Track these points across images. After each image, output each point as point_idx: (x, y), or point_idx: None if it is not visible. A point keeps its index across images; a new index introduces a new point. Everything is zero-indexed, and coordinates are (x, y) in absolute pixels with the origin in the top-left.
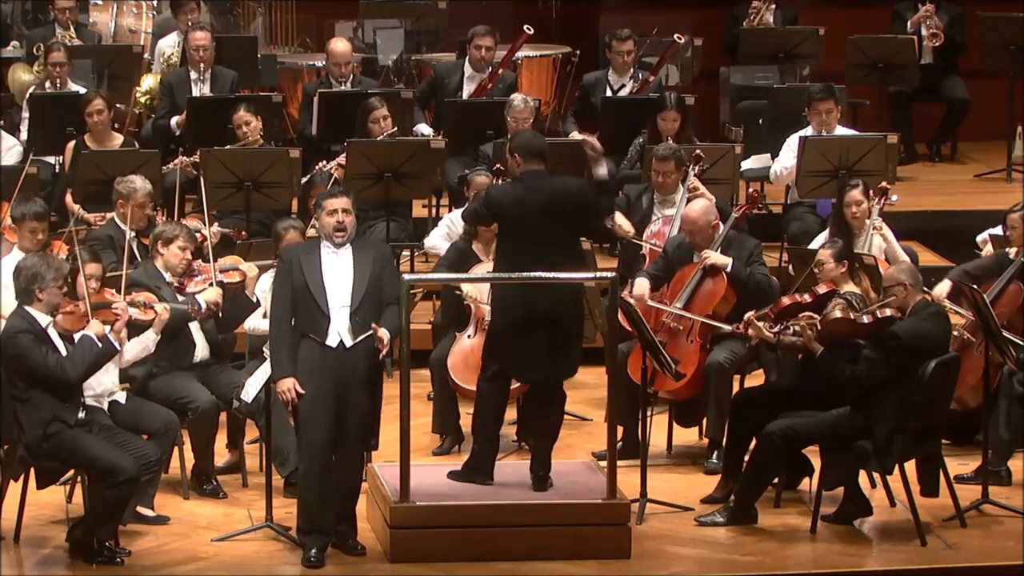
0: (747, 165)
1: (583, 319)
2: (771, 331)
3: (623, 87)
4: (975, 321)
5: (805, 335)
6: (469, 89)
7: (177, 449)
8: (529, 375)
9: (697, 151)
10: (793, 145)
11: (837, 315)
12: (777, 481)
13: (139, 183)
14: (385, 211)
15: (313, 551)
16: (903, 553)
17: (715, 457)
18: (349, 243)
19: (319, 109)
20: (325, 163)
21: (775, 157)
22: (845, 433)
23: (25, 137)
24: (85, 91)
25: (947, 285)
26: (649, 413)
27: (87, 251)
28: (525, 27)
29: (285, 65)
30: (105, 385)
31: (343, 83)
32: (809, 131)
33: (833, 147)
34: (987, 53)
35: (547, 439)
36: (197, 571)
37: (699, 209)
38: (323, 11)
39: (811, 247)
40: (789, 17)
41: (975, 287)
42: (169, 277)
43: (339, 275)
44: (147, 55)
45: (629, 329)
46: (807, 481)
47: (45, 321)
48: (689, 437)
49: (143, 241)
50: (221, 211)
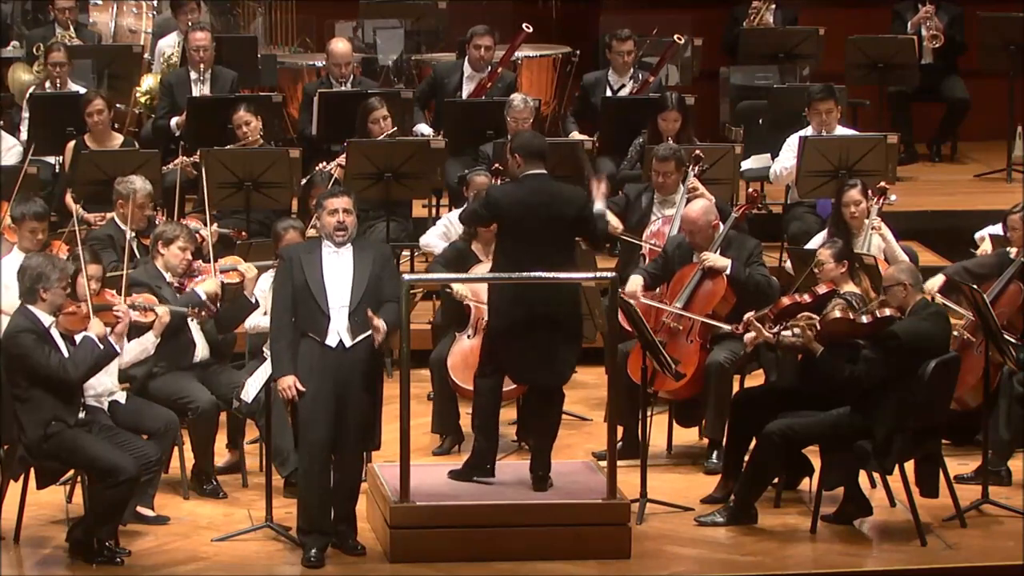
0: (747, 165)
1: (580, 320)
2: (771, 331)
3: (623, 87)
4: (975, 321)
5: (805, 335)
6: (468, 89)
7: (177, 449)
8: (526, 376)
9: (697, 151)
10: (793, 145)
11: (836, 315)
12: (777, 481)
13: (139, 183)
14: (385, 211)
15: (313, 551)
16: (903, 553)
17: (715, 457)
18: (350, 243)
19: (319, 109)
20: (325, 163)
21: (775, 157)
22: (845, 433)
23: (25, 137)
24: (85, 91)
25: (940, 279)
26: (649, 413)
27: (88, 252)
28: (524, 25)
29: (285, 65)
30: (105, 385)
31: (343, 83)
32: (809, 131)
33: (833, 147)
34: (987, 53)
35: (546, 439)
36: (197, 571)
37: (699, 209)
38: (323, 11)
39: (808, 247)
40: (789, 17)
41: (975, 287)
42: (169, 277)
43: (339, 275)
44: (147, 55)
45: (629, 329)
46: (807, 481)
47: (48, 321)
48: (689, 437)
49: (143, 241)
50: (221, 211)
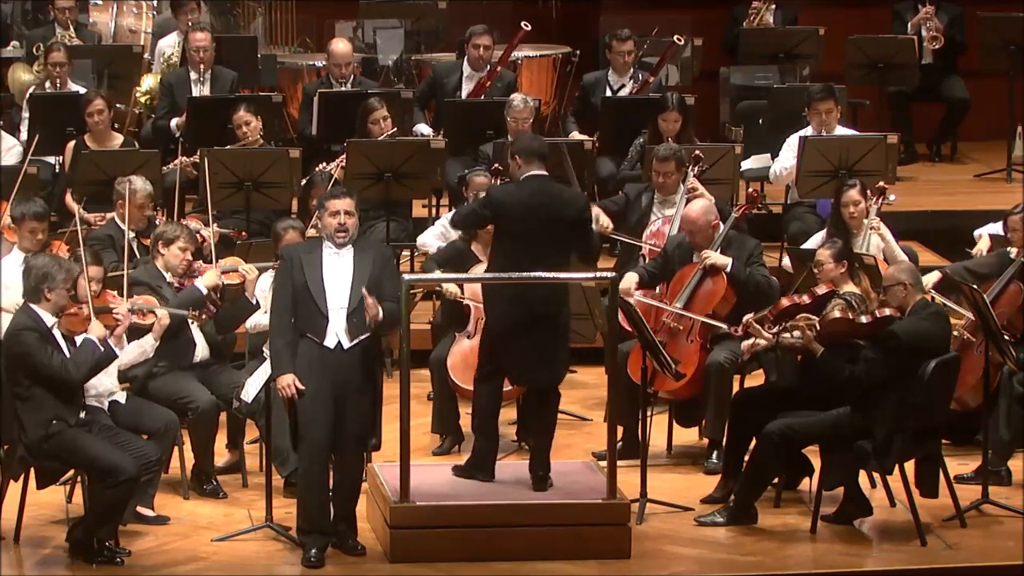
0: (747, 165)
1: (569, 321)
2: (770, 332)
3: (623, 87)
4: (975, 321)
5: (805, 336)
6: (468, 88)
7: (177, 449)
8: (524, 377)
9: (696, 151)
10: (793, 145)
11: (836, 315)
12: (777, 481)
13: (139, 184)
14: (385, 211)
15: (313, 551)
16: (903, 553)
17: (715, 457)
18: (351, 244)
19: (319, 109)
20: (326, 164)
21: (775, 157)
22: (845, 433)
23: (25, 137)
24: (85, 91)
25: (935, 276)
26: (649, 413)
27: (89, 253)
28: (522, 23)
29: (285, 65)
30: (105, 385)
31: (343, 83)
32: (809, 131)
33: (833, 147)
34: (987, 53)
35: (545, 438)
36: (197, 571)
37: (699, 209)
38: (323, 11)
39: (806, 247)
40: (789, 17)
41: (975, 287)
42: (170, 277)
43: (339, 276)
44: (147, 55)
45: (629, 329)
46: (807, 481)
47: (51, 321)
48: (689, 437)
49: (143, 241)
50: (221, 211)
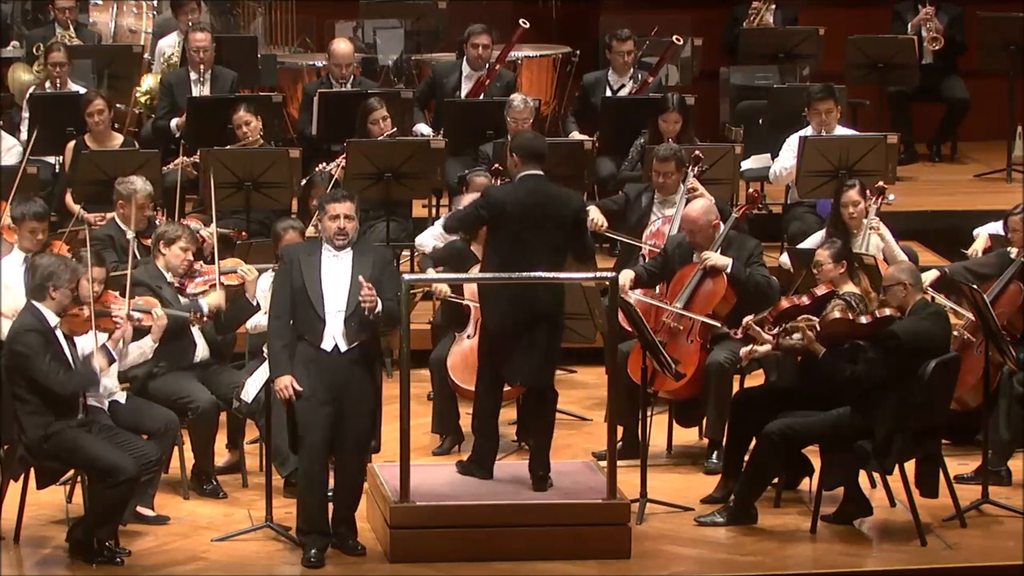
0: (747, 165)
1: (563, 321)
2: (770, 334)
3: (623, 87)
4: (975, 321)
5: (806, 337)
6: (467, 88)
7: (177, 449)
8: (521, 378)
9: (696, 152)
10: (793, 145)
11: (836, 316)
12: (777, 481)
13: (139, 184)
14: (385, 211)
15: (313, 551)
16: (903, 553)
17: (715, 457)
18: (350, 247)
19: (319, 109)
20: (325, 164)
21: (775, 157)
22: (845, 433)
23: (25, 137)
24: (85, 91)
25: (933, 274)
26: (649, 413)
27: (92, 254)
28: (521, 20)
29: (285, 65)
30: (105, 385)
31: (343, 83)
32: (809, 131)
33: (833, 147)
34: (987, 53)
35: (544, 437)
36: (197, 571)
37: (700, 209)
38: (323, 11)
39: (804, 246)
40: (789, 17)
41: (975, 287)
42: (170, 277)
43: (337, 279)
44: (147, 55)
45: (629, 329)
46: (807, 481)
47: (54, 321)
48: (689, 437)
49: (143, 241)
50: (221, 211)
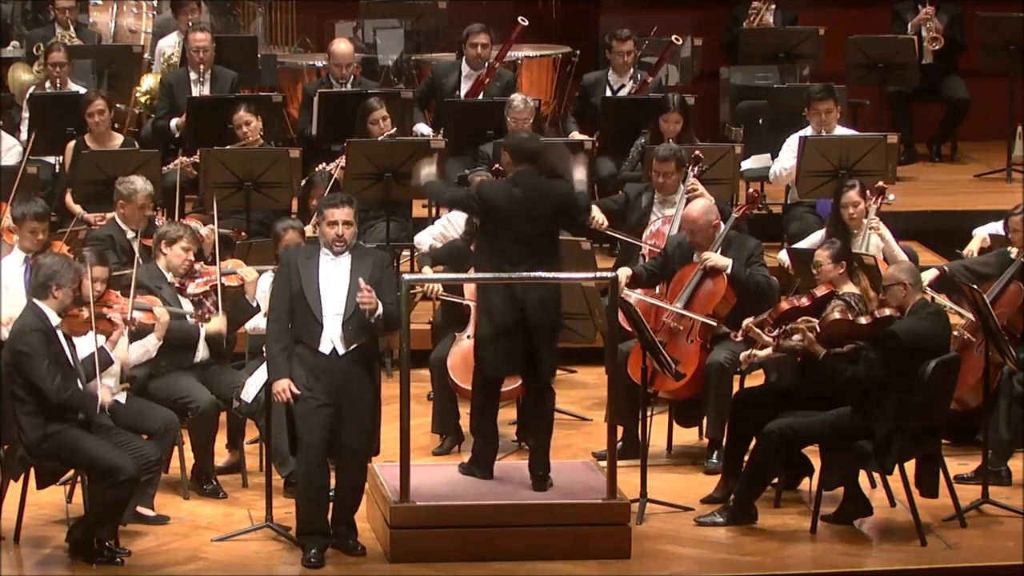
0: (747, 165)
1: (560, 316)
2: (770, 335)
3: (623, 87)
4: (975, 321)
5: (806, 338)
6: (466, 87)
7: (177, 449)
8: (507, 369)
9: (696, 152)
10: (793, 145)
11: (836, 316)
12: (777, 481)
13: (140, 184)
14: (385, 211)
15: (313, 551)
16: (903, 553)
17: (715, 457)
18: (349, 251)
19: (319, 109)
20: (325, 164)
21: (775, 157)
22: (845, 433)
23: (25, 137)
24: (85, 91)
25: (932, 273)
26: (649, 413)
27: (94, 253)
28: (520, 19)
29: (285, 65)
30: (107, 392)
31: (343, 83)
32: (809, 131)
33: (833, 147)
34: (987, 53)
35: (543, 437)
36: (197, 571)
37: (700, 209)
38: (323, 11)
39: (802, 246)
40: (789, 17)
41: (975, 287)
42: (171, 277)
43: (335, 283)
44: (147, 55)
45: (629, 329)
46: (807, 481)
47: (55, 320)
48: (689, 437)
49: (143, 242)
50: (221, 211)
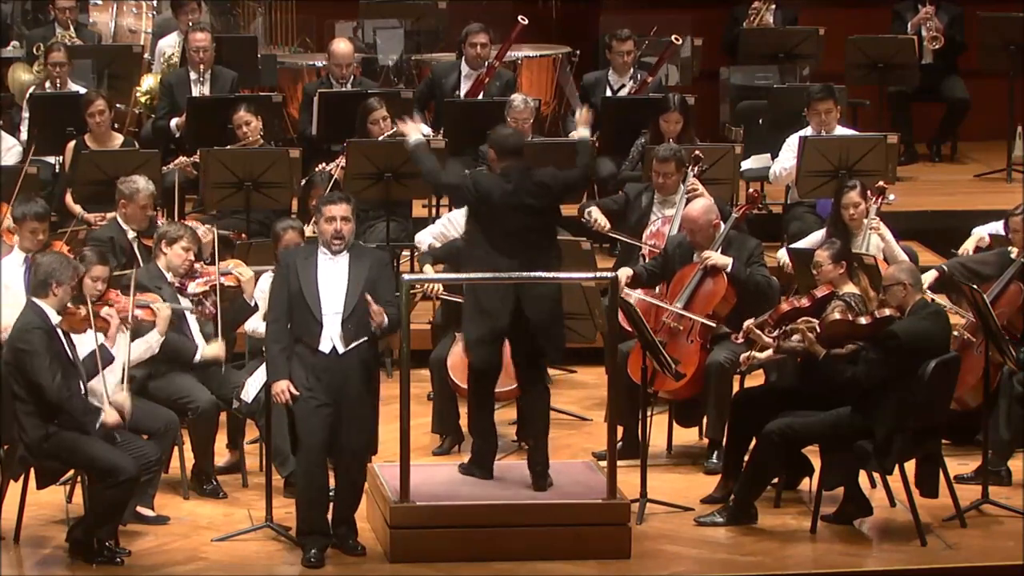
0: (747, 165)
1: (558, 311)
2: (770, 336)
3: (623, 87)
4: (975, 321)
5: (806, 338)
6: (466, 87)
7: (177, 449)
8: (492, 359)
9: (696, 152)
10: (793, 145)
11: (836, 317)
12: (777, 481)
13: (142, 184)
14: (385, 211)
15: (313, 551)
16: (903, 553)
17: (715, 457)
18: (347, 250)
19: (319, 109)
20: (325, 164)
21: (775, 157)
22: (845, 433)
23: (25, 137)
24: (85, 91)
25: (931, 275)
26: (649, 413)
27: (95, 253)
28: (519, 18)
29: (285, 65)
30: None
31: (343, 83)
32: (809, 131)
33: (833, 147)
34: (987, 53)
35: (540, 431)
36: (197, 571)
37: (700, 208)
38: (323, 11)
39: (801, 246)
40: (789, 17)
41: (975, 287)
42: (171, 277)
43: (334, 281)
44: (147, 55)
45: (629, 329)
46: (807, 481)
47: (55, 319)
48: (689, 437)
49: (144, 242)
50: (221, 211)
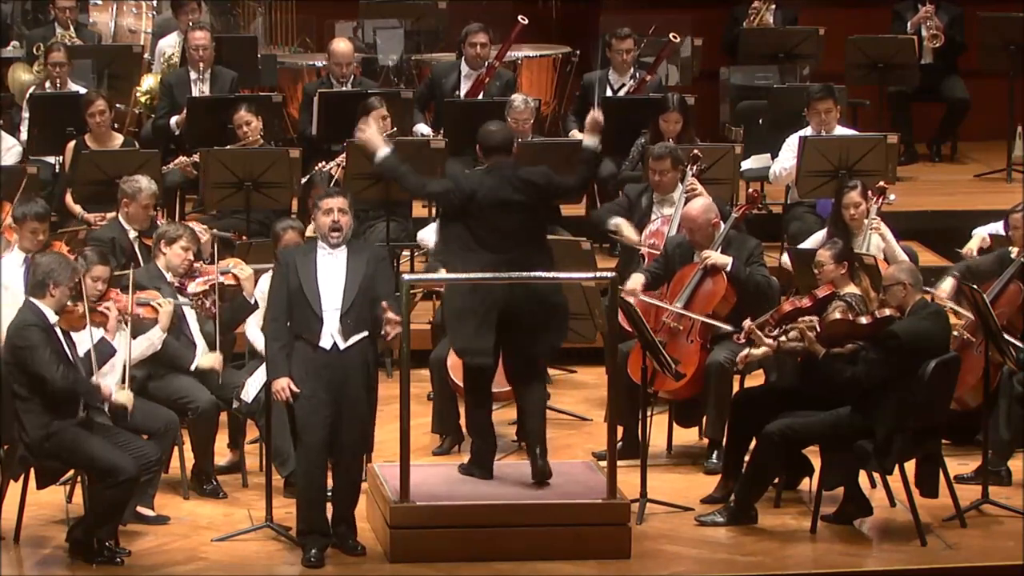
0: (747, 165)
1: (551, 307)
2: (770, 336)
3: (623, 87)
4: (975, 321)
5: (806, 337)
6: (466, 87)
7: (177, 449)
8: (480, 354)
9: (695, 151)
10: (793, 145)
11: (836, 316)
12: (777, 481)
13: (145, 183)
14: (385, 211)
15: (313, 551)
16: (903, 553)
17: (715, 457)
18: (345, 245)
19: (319, 109)
20: (325, 163)
21: (775, 157)
22: (845, 433)
23: (25, 137)
24: (85, 91)
25: (950, 284)
26: (649, 413)
27: (96, 253)
28: (520, 17)
29: (285, 65)
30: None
31: (343, 83)
32: (809, 131)
33: (833, 147)
34: (987, 53)
35: (535, 420)
36: (197, 571)
37: (699, 207)
38: (323, 11)
39: (804, 246)
40: (789, 17)
41: (975, 287)
42: (170, 277)
43: (333, 276)
44: (147, 55)
45: (629, 329)
46: (807, 481)
47: (53, 319)
48: (689, 437)
49: (145, 242)
50: (221, 211)
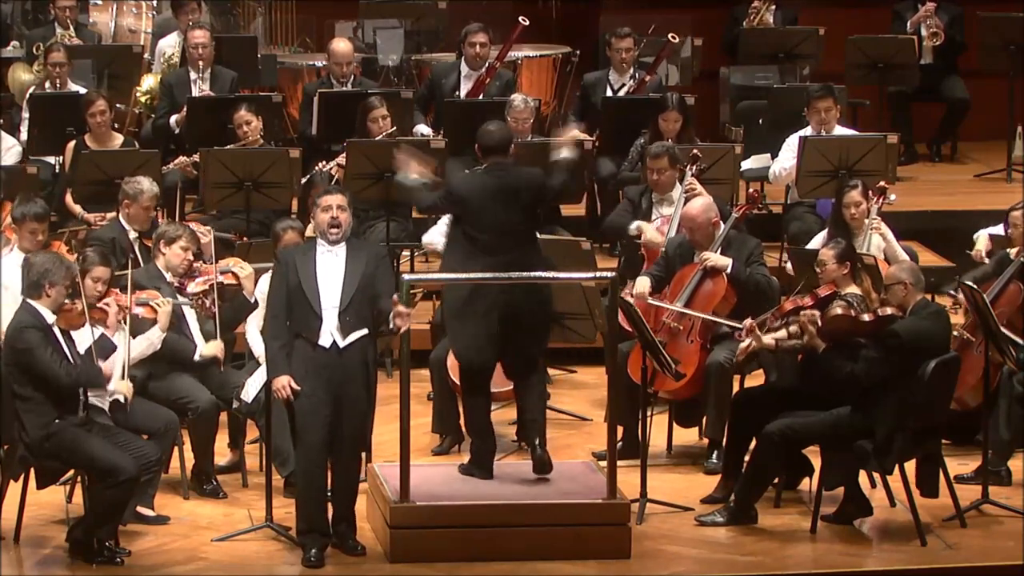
0: (747, 165)
1: (549, 306)
2: (772, 329)
3: (623, 86)
4: (975, 321)
5: (807, 331)
6: (466, 87)
7: (177, 449)
8: (479, 356)
9: (695, 151)
10: (793, 145)
11: (838, 312)
12: (777, 481)
13: (146, 184)
14: (385, 211)
15: (313, 551)
16: (903, 553)
17: (715, 457)
18: (344, 243)
19: (319, 109)
20: (325, 163)
21: (775, 157)
22: (845, 433)
23: (25, 137)
24: (85, 91)
25: (985, 238)
26: (649, 413)
27: (96, 253)
28: (520, 18)
29: (285, 65)
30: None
31: (343, 83)
32: (809, 131)
33: (833, 147)
34: (987, 53)
35: (535, 415)
36: (197, 571)
37: (699, 207)
38: (323, 11)
39: (808, 247)
40: (789, 17)
41: (975, 287)
42: (170, 277)
43: (332, 275)
44: (147, 55)
45: (629, 329)
46: (807, 481)
47: (51, 319)
48: (689, 437)
49: (145, 242)
50: (221, 211)
